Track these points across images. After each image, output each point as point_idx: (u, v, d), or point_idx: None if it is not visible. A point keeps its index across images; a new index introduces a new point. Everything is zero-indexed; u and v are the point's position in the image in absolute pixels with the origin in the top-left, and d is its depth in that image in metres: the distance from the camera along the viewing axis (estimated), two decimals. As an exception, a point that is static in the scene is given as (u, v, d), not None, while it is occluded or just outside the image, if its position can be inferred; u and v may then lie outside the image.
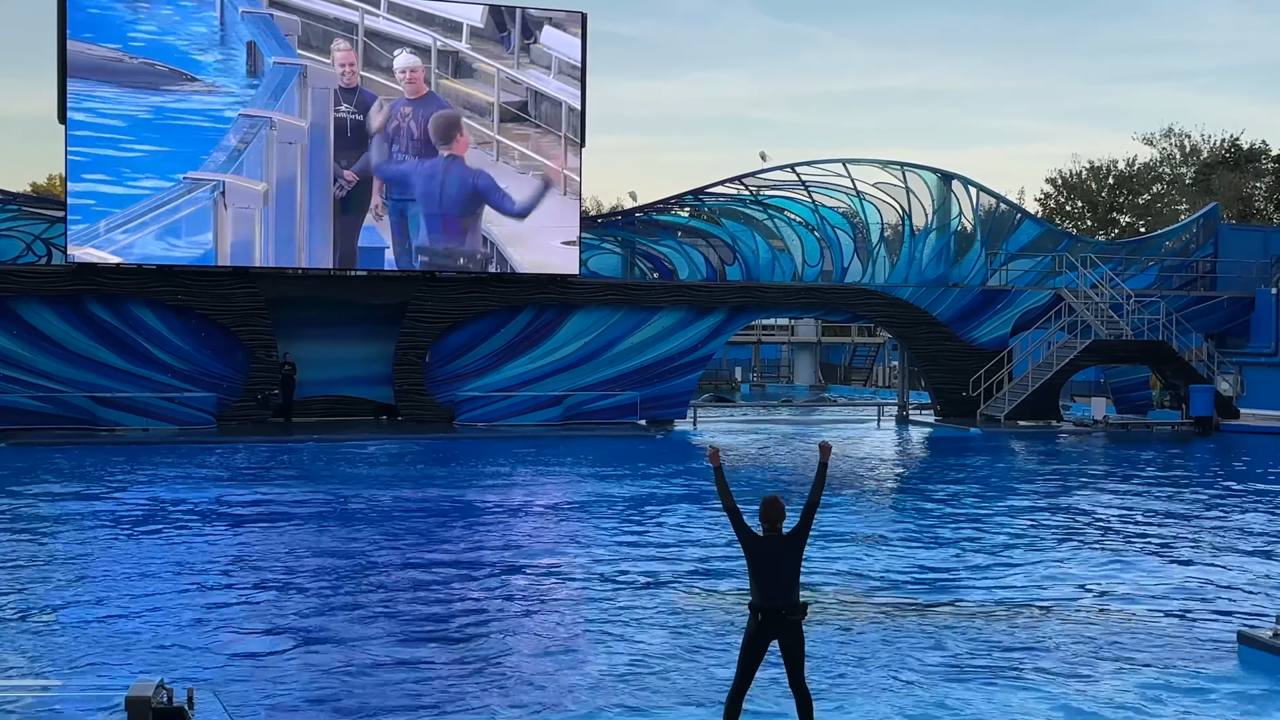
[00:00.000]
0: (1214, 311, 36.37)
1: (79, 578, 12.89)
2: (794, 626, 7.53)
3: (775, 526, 7.64)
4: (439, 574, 13.20)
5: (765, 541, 7.62)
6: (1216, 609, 12.04)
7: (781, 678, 7.97)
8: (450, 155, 30.19)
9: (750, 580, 7.61)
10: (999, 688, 9.32)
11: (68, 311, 28.36)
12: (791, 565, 7.57)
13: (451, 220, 30.27)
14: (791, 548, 7.59)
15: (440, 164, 30.14)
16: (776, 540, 7.61)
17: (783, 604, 7.48)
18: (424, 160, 30.00)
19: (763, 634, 7.54)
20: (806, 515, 7.71)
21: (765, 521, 7.66)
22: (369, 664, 9.76)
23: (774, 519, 7.64)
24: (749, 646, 7.61)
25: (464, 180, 30.32)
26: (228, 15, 28.78)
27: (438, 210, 30.12)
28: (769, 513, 7.66)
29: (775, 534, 7.63)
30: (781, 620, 7.49)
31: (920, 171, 35.18)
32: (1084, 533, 16.48)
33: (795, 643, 7.56)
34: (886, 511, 18.64)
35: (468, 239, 30.41)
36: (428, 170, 30.04)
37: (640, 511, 17.88)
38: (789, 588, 7.54)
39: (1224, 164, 59.97)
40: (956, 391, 34.28)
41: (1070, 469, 24.47)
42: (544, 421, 30.76)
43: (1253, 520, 17.74)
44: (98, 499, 18.51)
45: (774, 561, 7.53)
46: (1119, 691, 9.25)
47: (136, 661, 9.65)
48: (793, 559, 7.58)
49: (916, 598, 12.31)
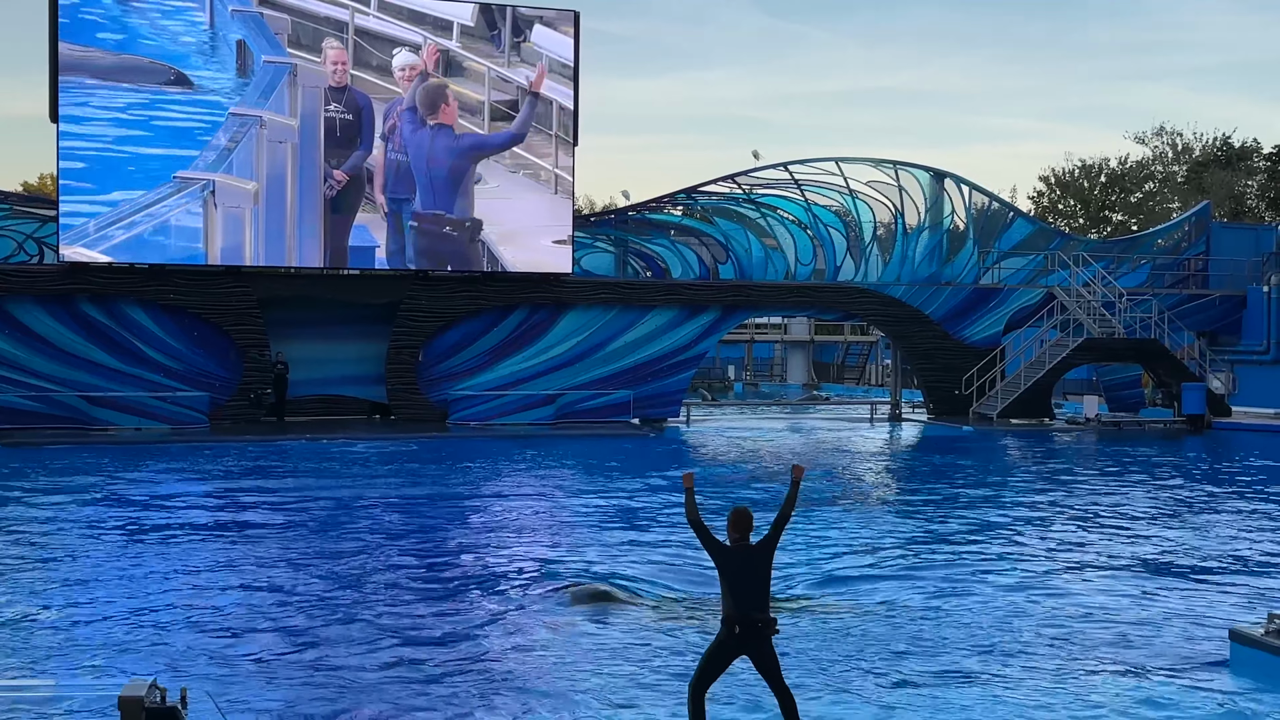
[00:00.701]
0: (1206, 309, 36.47)
1: (70, 578, 12.87)
2: (765, 641, 7.52)
3: (744, 537, 7.64)
4: (433, 576, 13.21)
5: (734, 553, 7.61)
6: (1207, 605, 12.08)
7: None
8: (438, 124, 30.18)
9: (722, 591, 7.60)
10: (985, 688, 9.32)
11: (60, 311, 28.33)
12: (762, 575, 7.57)
13: (441, 187, 30.22)
14: (761, 557, 7.60)
15: (428, 133, 30.11)
16: (746, 550, 7.61)
17: (757, 615, 7.48)
18: (415, 132, 29.97)
19: (735, 645, 7.53)
20: (776, 527, 7.72)
21: (735, 531, 7.64)
22: (362, 666, 9.76)
23: (743, 529, 7.63)
24: (717, 652, 7.60)
25: (451, 144, 30.31)
26: (218, 14, 28.75)
27: (427, 179, 30.10)
28: (738, 523, 7.64)
29: (744, 544, 7.64)
30: (756, 633, 7.49)
31: (913, 170, 35.25)
32: (1074, 529, 16.52)
33: (769, 657, 7.56)
34: (874, 510, 18.67)
35: (457, 206, 30.36)
36: (417, 140, 30.02)
37: (631, 513, 17.90)
38: (761, 597, 7.54)
39: (1216, 162, 60.14)
40: (949, 390, 34.34)
41: (1062, 466, 24.53)
42: (537, 421, 30.78)
43: (1243, 518, 17.80)
44: (90, 499, 18.49)
45: (745, 571, 7.52)
46: (1110, 690, 9.27)
47: (129, 661, 9.65)
48: (763, 569, 7.58)
49: (894, 596, 12.33)
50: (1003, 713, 8.75)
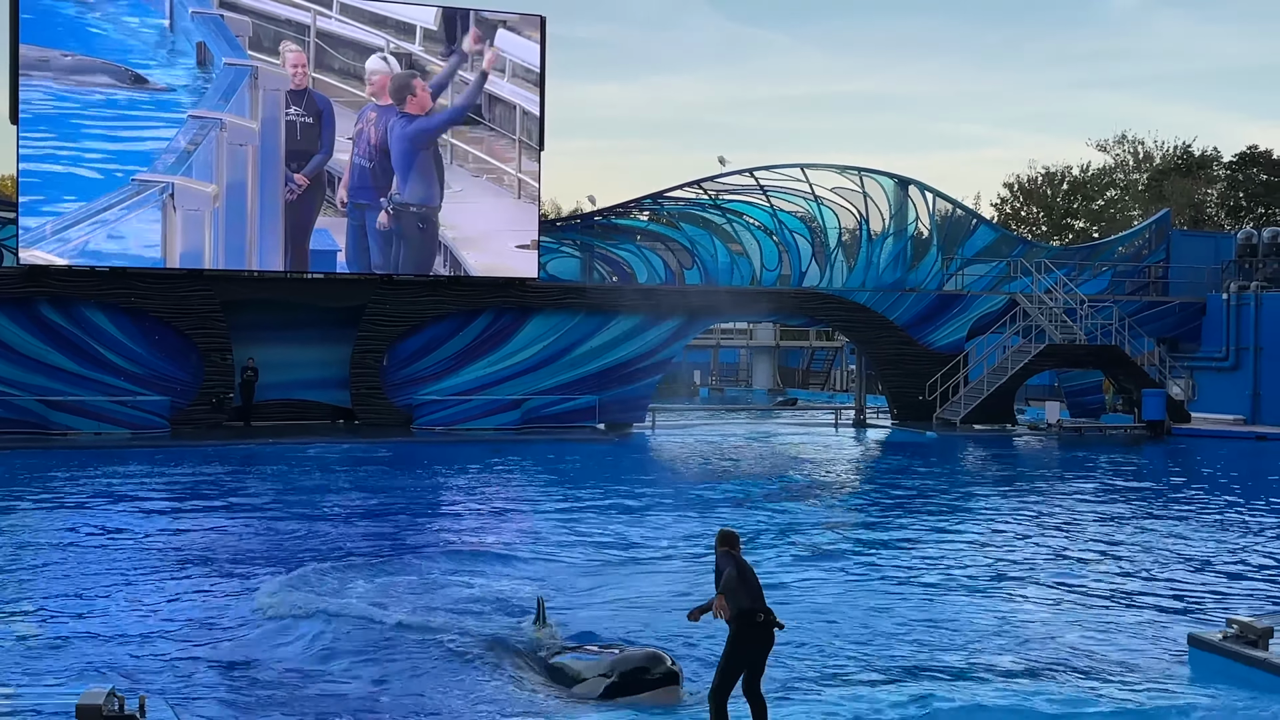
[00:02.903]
0: (1166, 316, 36.83)
1: (26, 585, 12.73)
2: (772, 636, 8.03)
3: (736, 549, 8.20)
4: (396, 583, 13.13)
5: (739, 560, 8.13)
6: (1167, 610, 12.19)
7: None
8: (404, 114, 30.06)
9: (737, 592, 7.94)
10: (942, 689, 9.35)
11: (19, 314, 27.99)
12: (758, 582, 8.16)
13: (406, 169, 30.08)
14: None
15: (397, 122, 29.98)
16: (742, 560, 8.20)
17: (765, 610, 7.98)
18: (381, 119, 29.86)
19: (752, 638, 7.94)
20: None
21: (727, 545, 8.18)
22: (320, 673, 9.70)
23: (734, 544, 8.19)
24: (735, 652, 7.98)
25: (417, 128, 30.16)
26: (178, 17, 28.53)
27: (396, 161, 29.96)
28: (731, 539, 8.21)
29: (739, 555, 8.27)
30: (768, 627, 7.98)
31: (877, 177, 35.41)
32: (1033, 534, 16.65)
33: (767, 652, 8.07)
34: (835, 511, 18.75)
35: (421, 189, 30.23)
36: (383, 128, 29.89)
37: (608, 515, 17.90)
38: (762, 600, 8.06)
39: (1176, 170, 60.74)
40: (913, 395, 34.52)
41: (1023, 472, 24.71)
42: (502, 425, 30.69)
43: (1201, 523, 17.99)
44: (46, 504, 18.28)
45: (751, 574, 8.10)
46: (1069, 694, 9.31)
47: (88, 669, 9.55)
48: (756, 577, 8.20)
49: (855, 598, 12.38)
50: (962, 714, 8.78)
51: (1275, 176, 57.98)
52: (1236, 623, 9.58)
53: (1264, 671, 9.01)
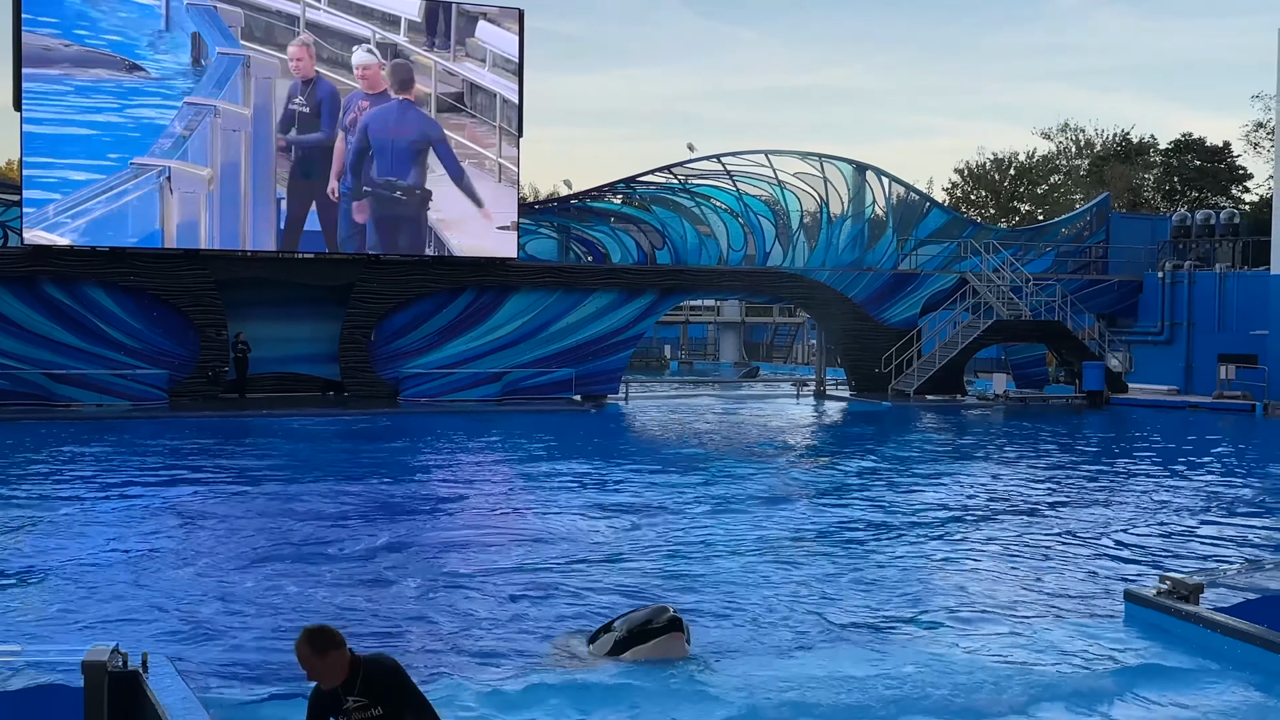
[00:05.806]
0: (1105, 294, 37.07)
1: (33, 546, 12.62)
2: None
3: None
4: (391, 545, 13.11)
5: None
6: (1105, 566, 12.30)
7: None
8: (405, 100, 29.85)
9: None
10: (879, 646, 9.32)
11: (24, 292, 27.70)
12: None
13: (401, 156, 29.88)
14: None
15: (396, 106, 29.78)
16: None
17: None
18: (380, 103, 29.61)
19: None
20: None
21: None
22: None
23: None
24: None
25: (419, 124, 30.00)
26: (174, 8, 28.17)
27: (389, 145, 29.75)
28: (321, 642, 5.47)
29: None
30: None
31: (837, 163, 35.41)
32: (978, 497, 16.76)
33: None
34: (791, 475, 18.82)
35: (412, 174, 30.04)
36: (383, 111, 29.67)
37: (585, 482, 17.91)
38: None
39: (1115, 156, 60.99)
40: (870, 368, 34.65)
41: (971, 440, 24.87)
42: (484, 397, 30.63)
43: (1135, 486, 18.16)
44: (51, 472, 18.14)
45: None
46: (1004, 648, 9.34)
47: (94, 626, 9.50)
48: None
49: (796, 559, 12.44)
50: (877, 669, 8.71)
51: (1208, 162, 58.33)
52: (1170, 579, 9.67)
53: (1195, 625, 9.11)
